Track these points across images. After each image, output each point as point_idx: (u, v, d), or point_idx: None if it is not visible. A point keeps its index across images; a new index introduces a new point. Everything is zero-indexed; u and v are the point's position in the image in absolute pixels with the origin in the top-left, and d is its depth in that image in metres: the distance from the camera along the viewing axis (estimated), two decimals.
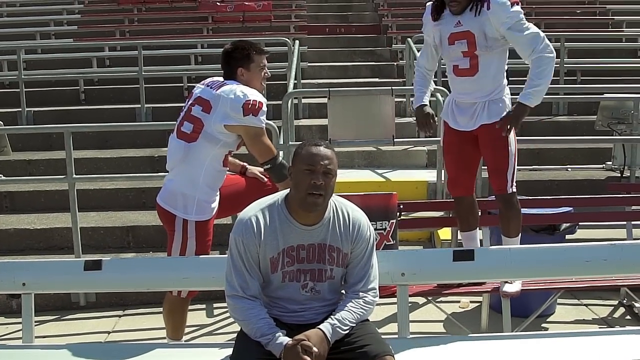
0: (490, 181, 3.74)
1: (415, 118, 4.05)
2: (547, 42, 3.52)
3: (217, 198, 3.50)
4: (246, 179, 3.77)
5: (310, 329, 2.65)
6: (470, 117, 3.71)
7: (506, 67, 3.74)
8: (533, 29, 3.54)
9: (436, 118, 3.92)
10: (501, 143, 3.63)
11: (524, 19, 3.54)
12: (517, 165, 3.73)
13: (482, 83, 3.64)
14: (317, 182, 2.65)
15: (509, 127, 3.56)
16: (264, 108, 3.42)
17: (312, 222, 2.76)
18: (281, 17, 12.69)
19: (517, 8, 3.53)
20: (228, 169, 3.58)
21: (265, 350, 2.63)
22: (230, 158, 3.59)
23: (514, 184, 3.69)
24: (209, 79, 3.57)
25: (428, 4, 3.77)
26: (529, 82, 3.56)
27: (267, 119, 3.54)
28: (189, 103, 3.51)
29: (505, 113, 3.62)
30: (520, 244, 3.64)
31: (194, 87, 3.63)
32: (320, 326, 2.66)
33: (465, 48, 3.61)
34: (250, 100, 3.37)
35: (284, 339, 2.61)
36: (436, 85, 5.02)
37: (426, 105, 3.85)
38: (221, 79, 3.52)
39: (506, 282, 3.80)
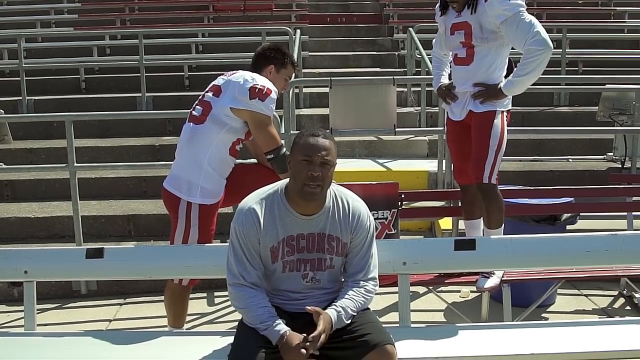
0: (469, 168, 3.75)
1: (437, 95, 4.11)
2: (542, 36, 3.46)
3: (223, 185, 3.50)
4: (257, 168, 3.77)
5: (311, 317, 2.66)
6: (462, 107, 3.77)
7: (506, 62, 3.75)
8: (528, 21, 3.48)
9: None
10: (483, 132, 3.65)
11: (524, 12, 3.51)
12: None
13: (475, 73, 3.67)
14: (314, 173, 2.65)
15: (478, 95, 3.65)
16: (273, 95, 3.42)
17: (312, 212, 2.76)
18: (282, 6, 12.64)
19: (517, 1, 3.50)
20: (236, 159, 3.57)
21: (266, 339, 2.64)
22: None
23: (494, 175, 3.67)
24: (229, 72, 3.59)
25: None
26: (514, 72, 3.60)
27: None
28: (205, 91, 3.56)
29: (494, 103, 3.65)
30: (522, 234, 3.63)
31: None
32: (326, 310, 2.68)
33: (462, 38, 3.66)
34: (257, 84, 3.38)
35: (282, 327, 2.62)
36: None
37: (442, 82, 3.95)
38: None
39: (484, 275, 3.81)
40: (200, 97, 3.56)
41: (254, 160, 3.93)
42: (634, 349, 2.96)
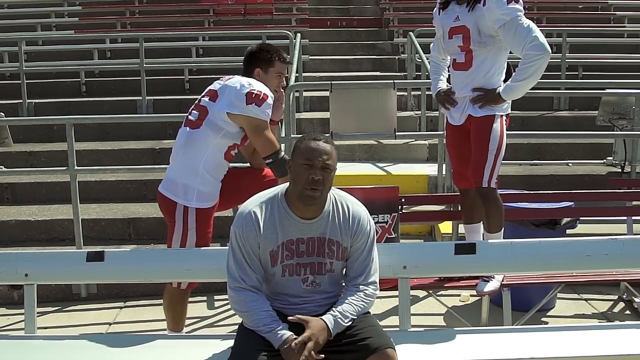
0: (469, 172, 3.75)
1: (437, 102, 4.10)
2: (541, 40, 3.46)
3: (219, 188, 3.50)
4: (252, 172, 3.77)
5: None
6: (461, 112, 3.77)
7: (505, 67, 3.75)
8: (526, 26, 3.48)
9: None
10: (483, 136, 3.65)
11: (522, 17, 3.51)
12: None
13: (474, 78, 3.68)
14: (315, 177, 2.66)
15: (477, 99, 3.65)
16: (269, 101, 3.42)
17: (311, 216, 2.77)
18: (283, 10, 12.65)
19: (515, 5, 3.49)
20: (230, 164, 3.57)
21: (267, 343, 2.64)
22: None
23: (493, 179, 3.67)
24: (226, 76, 3.59)
25: None
26: (512, 76, 3.60)
27: None
28: (201, 95, 3.56)
29: (493, 107, 3.65)
30: (522, 238, 3.64)
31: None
32: (323, 317, 2.68)
33: (461, 42, 3.67)
34: (254, 90, 3.38)
35: (286, 333, 2.62)
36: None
37: (441, 88, 3.94)
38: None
39: (484, 279, 3.81)
40: (197, 101, 3.55)
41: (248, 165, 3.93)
42: (634, 353, 2.96)
